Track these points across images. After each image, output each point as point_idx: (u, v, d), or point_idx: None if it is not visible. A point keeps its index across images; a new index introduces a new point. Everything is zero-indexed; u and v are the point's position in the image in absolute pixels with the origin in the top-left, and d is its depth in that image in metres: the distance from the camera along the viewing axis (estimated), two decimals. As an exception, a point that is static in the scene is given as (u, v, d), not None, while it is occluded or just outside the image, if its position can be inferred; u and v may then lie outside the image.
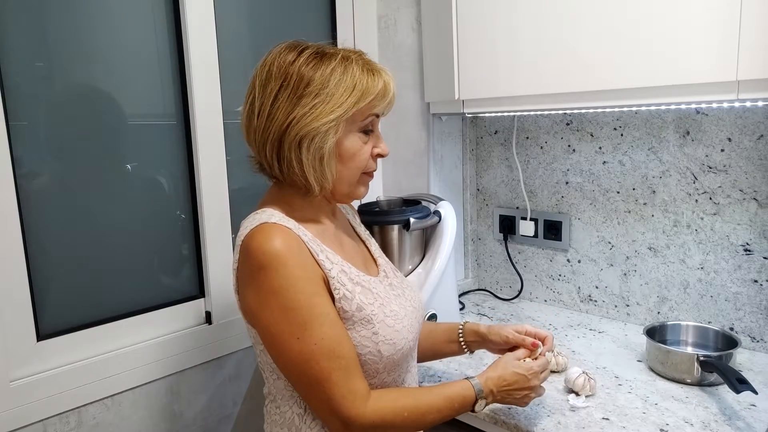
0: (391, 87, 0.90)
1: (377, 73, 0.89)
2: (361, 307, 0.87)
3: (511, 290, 1.74)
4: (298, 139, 0.84)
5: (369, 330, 0.87)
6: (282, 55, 0.87)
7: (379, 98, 0.89)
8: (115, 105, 1.21)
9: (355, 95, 0.86)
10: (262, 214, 0.87)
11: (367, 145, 0.91)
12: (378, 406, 0.84)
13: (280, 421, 0.92)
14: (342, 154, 0.89)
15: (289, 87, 0.85)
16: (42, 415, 1.09)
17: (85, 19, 1.15)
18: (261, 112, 0.87)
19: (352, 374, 0.83)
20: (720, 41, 1.02)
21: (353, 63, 0.87)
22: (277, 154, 0.87)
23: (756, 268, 1.28)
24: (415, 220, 1.34)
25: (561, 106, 1.29)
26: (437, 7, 1.47)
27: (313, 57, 0.86)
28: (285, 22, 1.51)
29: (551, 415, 1.04)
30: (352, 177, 0.92)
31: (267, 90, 0.86)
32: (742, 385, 1.00)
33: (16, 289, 1.06)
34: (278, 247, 0.81)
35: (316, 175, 0.87)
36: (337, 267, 0.88)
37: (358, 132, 0.89)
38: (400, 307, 0.93)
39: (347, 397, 0.81)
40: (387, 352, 0.88)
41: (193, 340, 1.31)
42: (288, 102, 0.85)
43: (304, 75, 0.85)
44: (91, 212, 1.19)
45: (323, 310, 0.83)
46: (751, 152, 1.25)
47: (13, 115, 1.06)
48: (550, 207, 1.62)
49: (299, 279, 0.82)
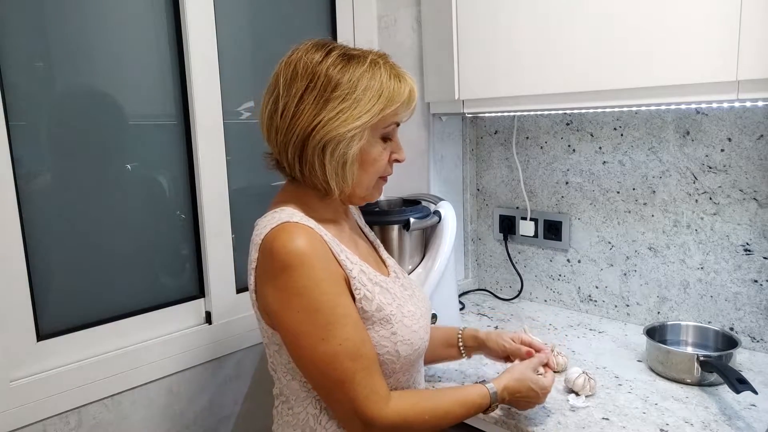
0: (415, 94, 0.90)
1: (403, 79, 0.88)
2: (380, 307, 0.87)
3: (511, 290, 1.74)
4: (322, 143, 0.83)
5: (388, 330, 0.87)
6: (308, 54, 0.85)
7: (404, 106, 0.88)
8: (115, 105, 1.21)
9: (382, 102, 0.85)
10: (282, 213, 0.85)
11: (385, 152, 0.90)
12: (400, 407, 0.84)
13: (293, 422, 0.91)
14: (364, 160, 0.88)
15: (316, 89, 0.83)
16: (42, 415, 1.09)
17: (85, 19, 1.15)
18: (285, 112, 0.85)
19: (374, 375, 0.83)
20: (720, 41, 1.02)
21: (381, 68, 0.86)
22: (299, 157, 0.86)
23: (756, 268, 1.28)
24: (415, 220, 1.34)
25: (561, 106, 1.29)
26: (437, 7, 1.47)
27: (341, 59, 0.85)
28: (285, 22, 1.51)
29: (551, 415, 1.04)
30: (370, 182, 0.91)
31: (292, 90, 0.84)
32: (742, 385, 1.00)
33: (16, 289, 1.06)
34: (303, 246, 0.80)
35: (337, 180, 0.86)
36: (357, 267, 0.88)
37: (379, 139, 0.89)
38: (416, 308, 0.94)
39: (370, 397, 0.81)
40: (405, 352, 0.88)
41: (193, 340, 1.31)
42: (314, 104, 0.83)
43: (331, 77, 0.83)
44: (91, 212, 1.19)
45: (347, 311, 0.83)
46: (751, 152, 1.25)
47: (13, 115, 1.06)
48: (550, 207, 1.62)
49: (323, 280, 0.81)
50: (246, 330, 1.40)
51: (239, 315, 1.40)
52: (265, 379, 1.45)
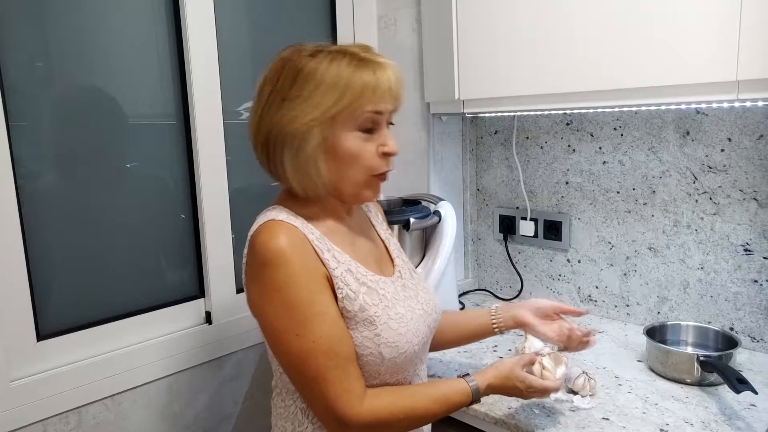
0: (385, 81, 0.84)
1: (368, 66, 0.83)
2: (364, 307, 0.86)
3: (511, 290, 1.74)
4: (281, 142, 0.84)
5: (371, 331, 0.86)
6: (280, 55, 0.87)
7: (368, 94, 0.83)
8: (115, 105, 1.21)
9: (335, 93, 0.82)
10: (271, 212, 0.88)
11: (368, 144, 0.87)
12: (374, 406, 0.84)
13: (285, 415, 0.93)
14: (340, 155, 0.85)
15: (277, 89, 0.85)
16: (42, 415, 1.09)
17: (85, 19, 1.15)
18: (254, 114, 0.88)
19: (348, 374, 0.83)
20: (720, 41, 1.02)
21: (342, 59, 0.83)
22: (267, 158, 0.88)
23: (756, 268, 1.28)
24: (415, 220, 1.34)
25: (561, 106, 1.29)
26: (437, 7, 1.47)
27: (307, 55, 0.85)
28: (285, 22, 1.51)
29: (551, 415, 1.04)
30: (356, 178, 0.88)
31: (264, 93, 0.87)
32: (742, 385, 1.00)
33: (16, 289, 1.06)
34: (281, 244, 0.82)
35: (299, 178, 0.86)
36: (343, 266, 0.87)
37: (357, 131, 0.85)
38: (407, 310, 0.92)
39: (343, 396, 0.82)
40: (389, 355, 0.87)
41: (193, 340, 1.31)
42: (276, 105, 0.84)
43: (289, 75, 0.84)
44: (91, 212, 1.19)
45: (323, 309, 0.83)
46: (751, 152, 1.25)
47: (13, 115, 1.06)
48: (550, 207, 1.62)
49: (301, 276, 0.82)
50: (246, 330, 1.40)
51: (239, 315, 1.40)
52: (265, 379, 1.45)
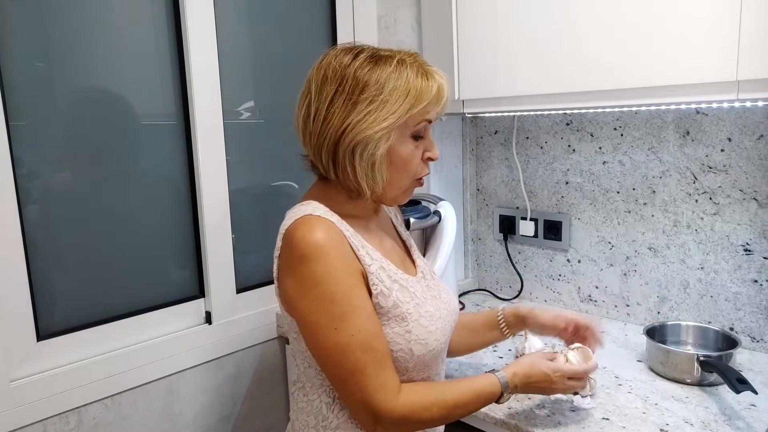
0: (444, 90, 0.89)
1: (431, 76, 0.88)
2: (397, 304, 0.88)
3: (511, 290, 1.74)
4: (352, 146, 0.85)
5: (403, 328, 0.88)
6: (338, 57, 0.87)
7: (432, 103, 0.88)
8: (115, 105, 1.21)
9: (409, 101, 0.85)
10: (307, 206, 0.88)
11: (417, 150, 0.91)
12: (409, 400, 0.85)
13: (307, 409, 0.93)
14: (394, 161, 0.89)
15: (345, 92, 0.85)
16: (42, 415, 1.09)
17: (85, 19, 1.15)
18: (317, 116, 0.87)
19: (385, 367, 0.84)
20: (720, 41, 1.02)
21: (408, 67, 0.87)
22: (333, 160, 0.88)
23: (756, 268, 1.28)
24: (415, 220, 1.34)
25: (561, 106, 1.29)
26: (437, 7, 1.47)
27: (369, 61, 0.86)
28: (285, 22, 1.51)
29: (551, 415, 1.04)
30: (402, 183, 0.92)
31: (323, 94, 0.86)
32: (742, 385, 1.00)
33: (16, 289, 1.06)
34: (320, 238, 0.83)
35: (368, 181, 0.88)
36: (377, 263, 0.89)
37: (410, 137, 0.89)
38: (436, 309, 0.94)
39: (379, 390, 0.83)
40: (418, 352, 0.89)
41: (193, 340, 1.31)
42: (343, 107, 0.85)
43: (359, 80, 0.85)
44: (91, 212, 1.19)
45: (361, 303, 0.84)
46: (751, 152, 1.25)
47: (13, 115, 1.06)
48: (550, 207, 1.62)
49: (339, 271, 0.83)
50: (246, 330, 1.40)
51: (239, 315, 1.40)
52: (265, 379, 1.45)
